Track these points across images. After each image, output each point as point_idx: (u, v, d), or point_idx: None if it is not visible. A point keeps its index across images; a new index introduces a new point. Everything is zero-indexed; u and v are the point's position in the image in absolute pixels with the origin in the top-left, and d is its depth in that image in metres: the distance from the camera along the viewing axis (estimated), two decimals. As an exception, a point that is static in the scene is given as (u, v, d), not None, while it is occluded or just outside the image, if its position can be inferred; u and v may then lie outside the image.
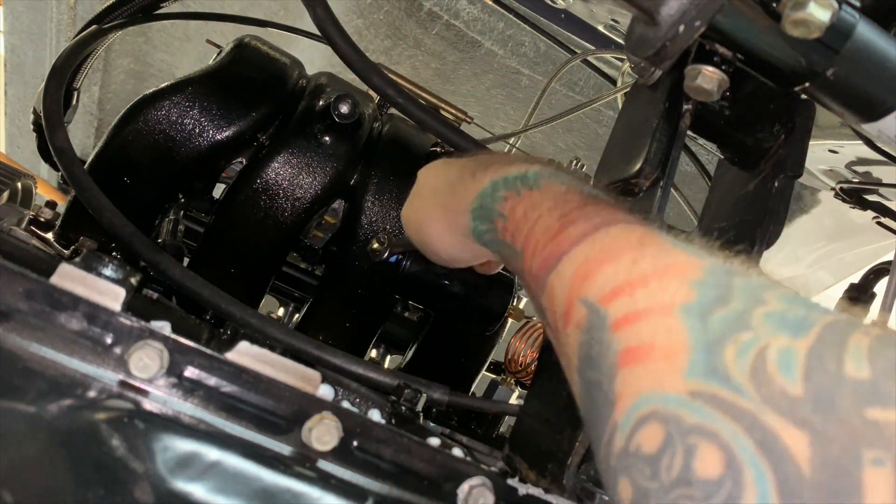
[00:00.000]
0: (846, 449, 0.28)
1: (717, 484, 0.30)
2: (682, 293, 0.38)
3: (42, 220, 0.93)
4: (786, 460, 0.29)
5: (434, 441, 0.54)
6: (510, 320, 1.15)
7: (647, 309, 0.38)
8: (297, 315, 1.23)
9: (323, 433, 0.49)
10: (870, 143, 1.04)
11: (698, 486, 0.30)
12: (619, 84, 1.23)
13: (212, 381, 0.48)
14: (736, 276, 0.38)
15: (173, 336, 0.48)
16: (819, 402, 0.29)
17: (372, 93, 0.96)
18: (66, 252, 0.82)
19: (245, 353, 0.50)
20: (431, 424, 0.76)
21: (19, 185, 1.01)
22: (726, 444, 0.30)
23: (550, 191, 0.55)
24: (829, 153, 1.20)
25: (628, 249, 0.43)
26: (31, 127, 0.97)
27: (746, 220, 0.63)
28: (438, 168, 0.74)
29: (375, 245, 0.89)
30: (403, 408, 0.67)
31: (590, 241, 0.46)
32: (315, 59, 1.64)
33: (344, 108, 0.90)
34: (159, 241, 0.98)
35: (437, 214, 0.69)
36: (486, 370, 1.19)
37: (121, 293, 0.48)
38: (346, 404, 0.52)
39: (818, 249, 1.73)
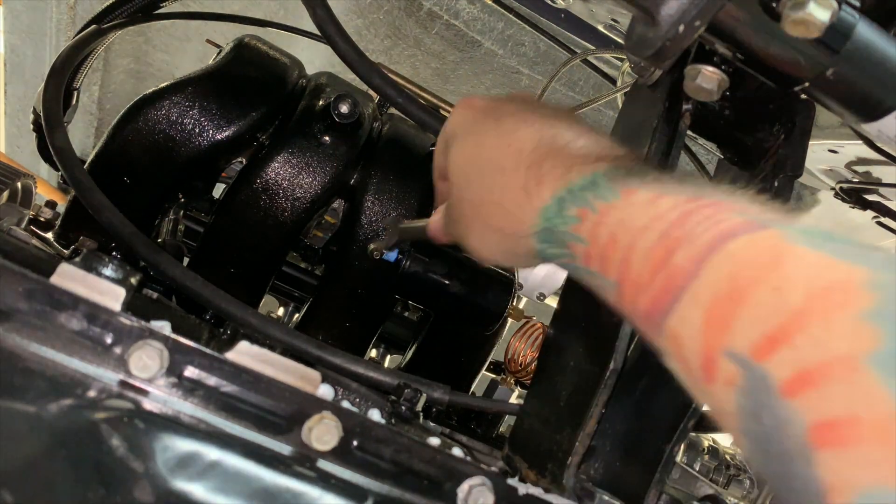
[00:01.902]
0: None
1: None
2: (864, 335, 0.30)
3: (42, 219, 0.93)
4: None
5: (434, 441, 0.54)
6: (510, 320, 1.15)
7: (823, 365, 0.31)
8: (297, 315, 1.23)
9: (323, 433, 0.49)
10: (870, 143, 1.04)
11: None
12: (619, 84, 1.23)
13: (212, 380, 0.48)
14: None
15: (173, 336, 0.48)
16: None
17: (372, 93, 0.96)
18: (66, 252, 0.82)
19: (245, 353, 0.50)
20: (431, 424, 0.76)
21: (19, 184, 1.01)
22: None
23: (635, 201, 0.45)
24: (829, 153, 1.20)
25: (765, 274, 0.35)
26: (31, 127, 0.97)
27: (746, 220, 0.63)
28: (480, 133, 0.57)
29: (373, 246, 0.89)
30: (403, 408, 0.67)
31: (711, 270, 0.37)
32: (315, 59, 1.64)
33: (344, 108, 0.90)
34: (159, 240, 0.98)
35: (494, 238, 0.56)
36: (486, 370, 1.19)
37: (121, 293, 0.48)
38: (346, 404, 0.52)
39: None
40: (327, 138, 0.92)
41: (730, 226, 0.39)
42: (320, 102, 0.93)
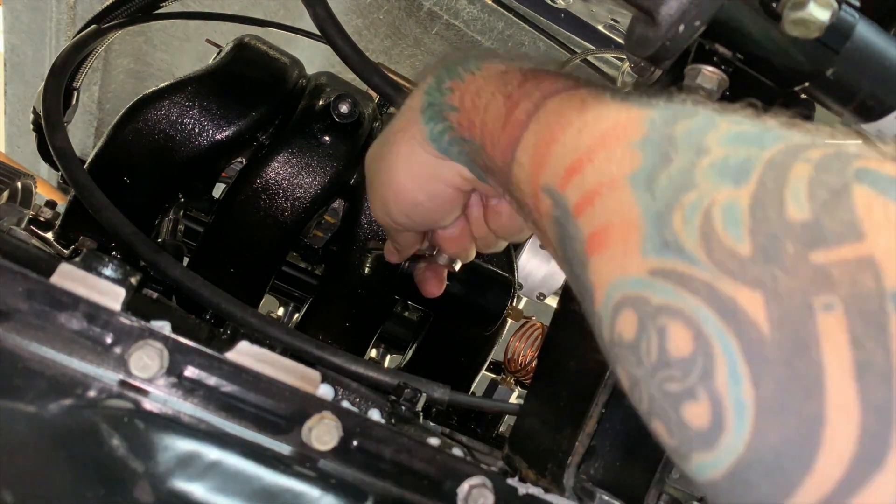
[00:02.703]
0: (798, 300, 0.26)
1: (691, 361, 0.29)
2: (628, 159, 0.35)
3: (42, 219, 0.93)
4: (746, 324, 0.28)
5: (434, 441, 0.54)
6: (510, 320, 1.15)
7: (599, 185, 0.36)
8: (297, 315, 1.23)
9: (323, 433, 0.49)
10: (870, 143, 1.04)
11: (676, 366, 0.30)
12: (618, 84, 1.23)
13: (212, 380, 0.48)
14: (679, 122, 0.35)
15: (173, 336, 0.48)
16: (767, 256, 0.28)
17: (372, 93, 0.96)
18: (66, 252, 0.82)
19: (245, 353, 0.50)
20: (431, 424, 0.76)
21: (19, 184, 1.01)
22: (691, 320, 0.29)
23: (491, 72, 0.52)
24: (828, 153, 1.20)
25: (572, 121, 0.40)
26: (31, 126, 0.97)
27: (746, 220, 0.63)
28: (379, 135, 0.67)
29: (372, 245, 0.89)
30: (403, 407, 0.67)
31: (535, 121, 0.44)
32: (315, 59, 1.64)
33: (344, 108, 0.90)
34: (159, 240, 0.98)
35: (392, 141, 0.61)
36: (485, 370, 1.19)
37: (121, 293, 0.48)
38: (346, 404, 0.52)
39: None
40: (327, 138, 0.92)
41: (554, 87, 0.45)
42: (320, 102, 0.93)
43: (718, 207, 0.30)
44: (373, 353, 1.40)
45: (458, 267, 0.80)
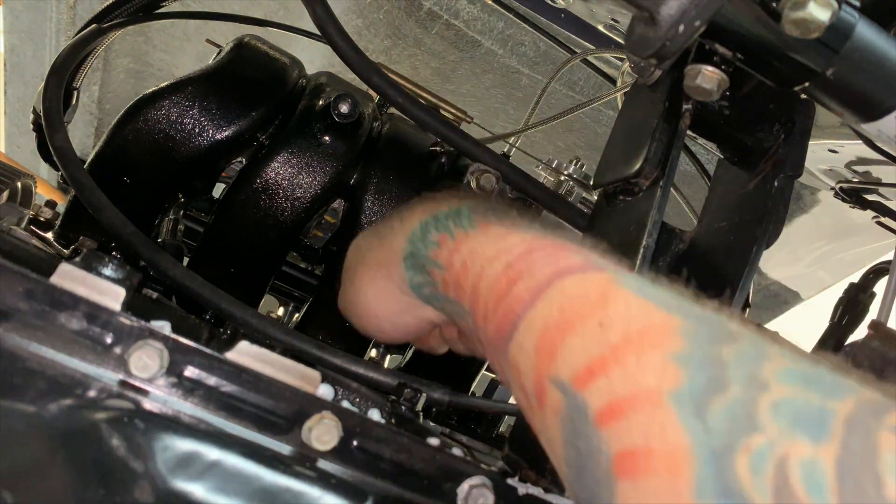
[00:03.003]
0: None
1: None
2: (669, 375, 0.32)
3: (42, 219, 0.93)
4: None
5: (434, 441, 0.54)
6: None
7: (631, 397, 0.32)
8: (297, 315, 1.23)
9: (323, 433, 0.49)
10: (870, 143, 1.04)
11: None
12: (618, 84, 1.23)
13: (212, 380, 0.48)
14: (724, 344, 0.32)
15: (173, 336, 0.48)
16: None
17: (372, 92, 0.96)
18: (66, 252, 0.82)
19: (245, 353, 0.50)
20: (431, 424, 0.76)
21: (19, 184, 1.01)
22: None
23: (488, 233, 0.48)
24: (828, 153, 1.20)
25: (591, 310, 0.37)
26: (31, 126, 0.97)
27: (746, 220, 0.63)
28: (365, 235, 0.64)
29: None
30: (403, 407, 0.67)
31: (544, 303, 0.40)
32: (315, 59, 1.64)
33: (344, 108, 0.90)
34: (159, 240, 0.98)
35: (369, 276, 0.59)
36: (486, 370, 1.19)
37: (121, 293, 0.48)
38: (346, 404, 0.52)
39: (817, 249, 1.73)
40: (327, 138, 0.92)
41: (567, 264, 0.41)
42: (320, 102, 0.93)
43: (796, 463, 0.27)
44: (373, 352, 1.40)
45: None
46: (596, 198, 0.74)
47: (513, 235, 0.46)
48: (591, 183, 0.80)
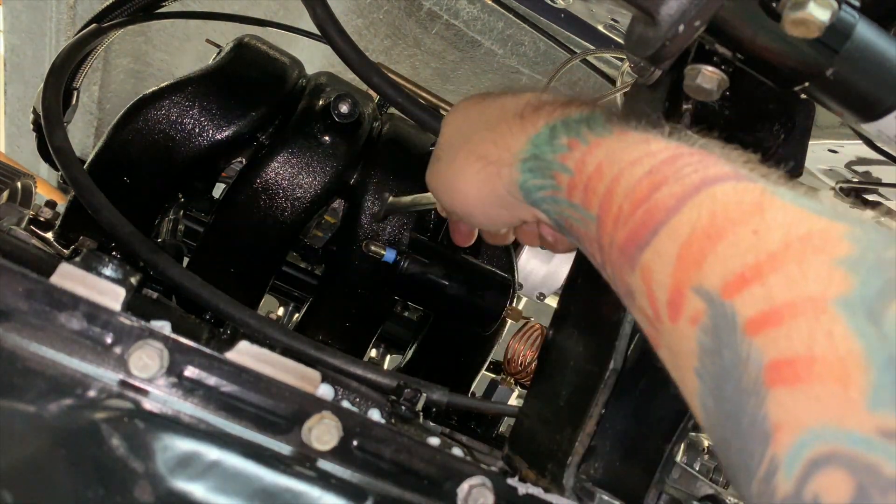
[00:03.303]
0: None
1: None
2: (837, 280, 0.30)
3: (42, 219, 0.93)
4: None
5: (434, 441, 0.54)
6: (510, 321, 1.15)
7: (791, 304, 0.30)
8: (296, 315, 1.23)
9: (323, 433, 0.49)
10: (870, 143, 1.04)
11: None
12: (618, 84, 1.23)
13: (212, 380, 0.48)
14: (893, 247, 0.30)
15: (173, 336, 0.48)
16: None
17: (372, 92, 0.96)
18: (66, 252, 0.82)
19: (245, 353, 0.50)
20: (431, 424, 0.76)
21: (19, 184, 1.01)
22: None
23: (627, 138, 0.45)
24: (828, 153, 1.20)
25: (746, 217, 0.35)
26: (31, 126, 0.97)
27: (746, 220, 0.63)
28: (470, 108, 0.60)
29: (373, 247, 0.89)
30: (403, 407, 0.67)
31: (692, 208, 0.37)
32: (315, 59, 1.64)
33: (343, 108, 0.90)
34: (159, 240, 0.98)
35: (474, 168, 0.55)
36: (486, 370, 1.19)
37: (121, 293, 0.48)
38: (346, 404, 0.52)
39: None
40: (327, 138, 0.92)
41: (717, 172, 0.39)
42: (320, 102, 0.93)
43: None
44: (373, 353, 1.40)
45: None
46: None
47: (656, 141, 0.44)
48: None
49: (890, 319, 0.28)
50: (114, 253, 0.85)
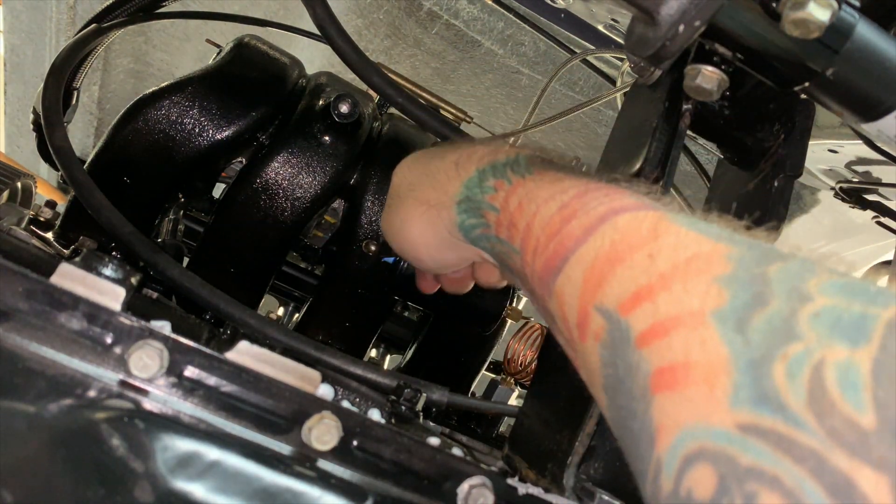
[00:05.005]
0: None
1: None
2: (712, 295, 0.33)
3: (42, 219, 0.93)
4: None
5: (434, 441, 0.54)
6: (510, 321, 1.15)
7: (675, 318, 0.33)
8: (296, 315, 1.23)
9: (323, 433, 0.49)
10: (869, 143, 1.04)
11: None
12: (618, 84, 1.23)
13: (212, 380, 0.48)
14: (771, 263, 0.33)
15: (173, 336, 0.48)
16: None
17: (372, 92, 0.96)
18: (66, 252, 0.82)
19: (245, 353, 0.50)
20: (431, 424, 0.76)
21: (19, 184, 1.01)
22: (791, 492, 0.25)
23: (545, 178, 0.50)
24: (828, 153, 1.20)
25: (642, 243, 0.38)
26: (31, 126, 0.97)
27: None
28: (415, 162, 0.67)
29: (373, 247, 0.89)
30: (403, 407, 0.67)
31: (597, 237, 0.41)
32: (315, 59, 1.65)
33: (344, 108, 0.90)
34: (159, 240, 0.98)
35: (418, 211, 0.61)
36: (486, 370, 1.19)
37: (121, 293, 0.48)
38: (346, 404, 0.52)
39: (818, 249, 1.73)
40: (327, 138, 0.92)
41: (621, 203, 0.43)
42: (320, 102, 0.93)
43: (832, 366, 0.27)
44: (373, 353, 1.40)
45: None
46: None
47: (568, 179, 0.48)
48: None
49: (754, 327, 0.30)
50: (114, 253, 0.85)
